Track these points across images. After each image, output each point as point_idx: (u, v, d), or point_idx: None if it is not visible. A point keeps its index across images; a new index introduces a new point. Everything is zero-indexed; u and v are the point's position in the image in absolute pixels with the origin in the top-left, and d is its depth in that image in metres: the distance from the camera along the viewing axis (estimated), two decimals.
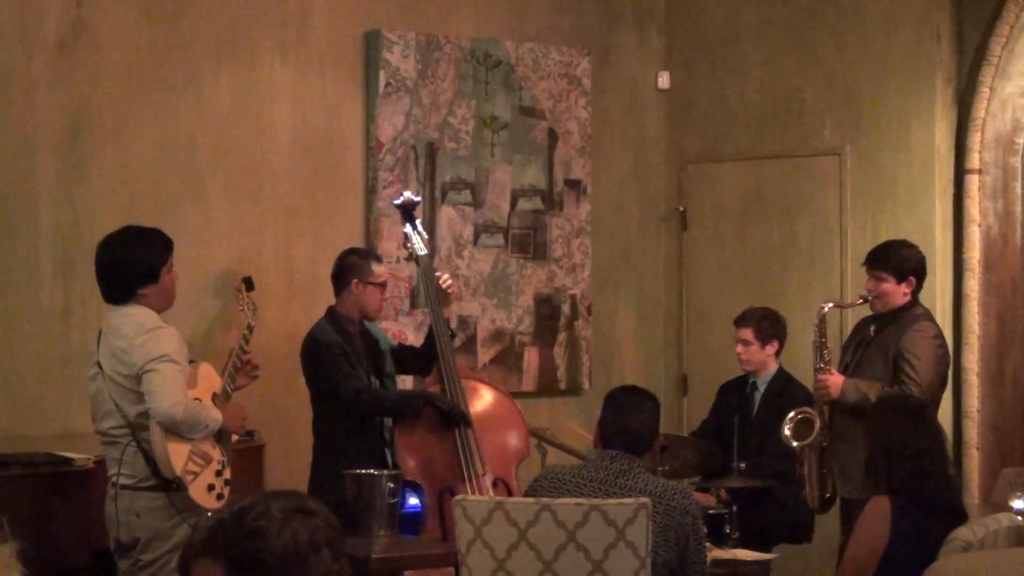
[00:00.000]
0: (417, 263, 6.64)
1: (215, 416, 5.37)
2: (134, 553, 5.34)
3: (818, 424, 6.33)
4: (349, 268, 6.38)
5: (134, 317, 5.33)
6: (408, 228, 6.57)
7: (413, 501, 6.16)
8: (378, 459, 6.15)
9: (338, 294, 6.40)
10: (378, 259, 6.55)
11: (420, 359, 6.58)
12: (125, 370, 5.29)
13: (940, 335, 6.39)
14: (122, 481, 5.33)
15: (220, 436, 5.46)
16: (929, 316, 6.45)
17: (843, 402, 6.32)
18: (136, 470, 5.31)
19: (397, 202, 6.67)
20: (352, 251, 6.54)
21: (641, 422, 4.94)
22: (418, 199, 6.79)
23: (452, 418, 6.28)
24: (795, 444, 6.36)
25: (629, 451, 4.89)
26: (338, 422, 6.22)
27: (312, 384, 6.33)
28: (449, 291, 6.54)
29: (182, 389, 5.26)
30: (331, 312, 6.38)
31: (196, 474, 5.29)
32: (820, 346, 6.45)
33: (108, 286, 5.42)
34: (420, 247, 6.53)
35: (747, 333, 6.86)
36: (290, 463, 6.52)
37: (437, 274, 6.53)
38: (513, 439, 6.47)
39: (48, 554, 5.63)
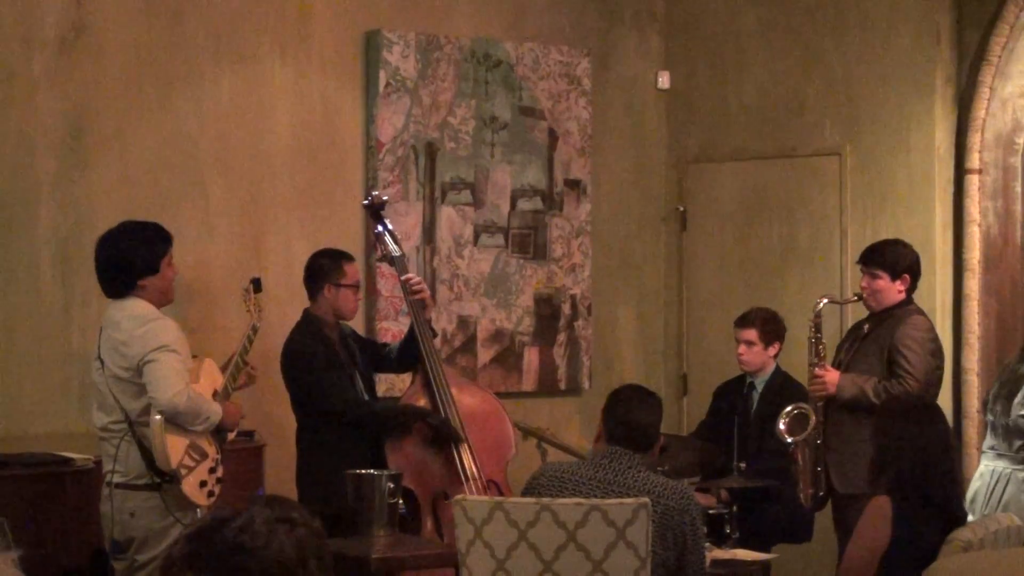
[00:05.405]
0: (392, 264, 6.44)
1: (215, 409, 5.39)
2: (130, 553, 5.34)
3: (813, 420, 6.33)
4: (320, 272, 6.19)
5: (132, 310, 5.35)
6: (379, 228, 6.36)
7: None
8: (367, 465, 5.95)
9: (312, 298, 6.23)
10: (350, 259, 6.31)
11: (400, 358, 6.41)
12: (125, 363, 5.30)
13: (933, 330, 6.41)
14: (116, 479, 5.33)
15: (216, 434, 5.47)
16: (922, 312, 6.46)
17: (840, 397, 6.32)
18: (129, 467, 5.32)
19: (365, 202, 6.52)
20: (322, 253, 6.32)
21: (647, 416, 4.95)
22: (385, 197, 6.56)
23: (444, 436, 6.17)
24: (789, 440, 6.35)
25: (632, 446, 4.88)
26: (325, 431, 6.09)
27: (297, 396, 6.20)
28: (418, 297, 6.30)
29: (184, 378, 5.26)
30: (308, 317, 6.22)
31: (191, 469, 5.30)
32: (815, 342, 6.44)
33: (109, 280, 5.43)
34: (394, 248, 6.33)
35: (752, 334, 6.84)
36: (290, 464, 6.51)
37: (404, 277, 6.33)
38: (501, 439, 6.37)
39: (48, 554, 5.64)
